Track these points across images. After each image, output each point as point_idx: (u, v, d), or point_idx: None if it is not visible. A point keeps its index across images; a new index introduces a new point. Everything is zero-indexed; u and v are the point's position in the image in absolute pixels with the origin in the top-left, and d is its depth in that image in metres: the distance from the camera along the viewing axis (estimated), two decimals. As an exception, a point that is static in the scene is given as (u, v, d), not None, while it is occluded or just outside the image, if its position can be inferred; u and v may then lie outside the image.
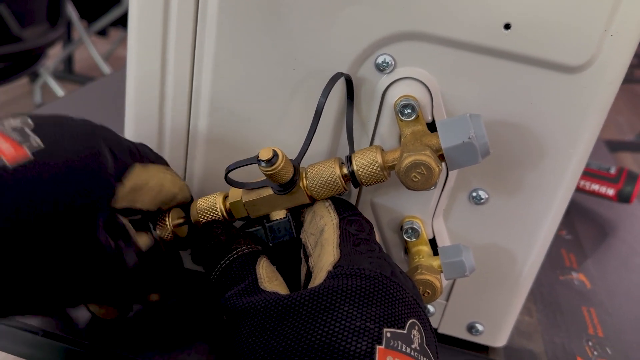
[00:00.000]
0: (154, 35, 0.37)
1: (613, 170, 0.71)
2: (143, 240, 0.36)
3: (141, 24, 0.37)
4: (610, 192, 0.70)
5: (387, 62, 0.35)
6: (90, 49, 2.40)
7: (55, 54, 2.51)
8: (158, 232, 0.37)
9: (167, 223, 0.37)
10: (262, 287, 0.31)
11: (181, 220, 0.38)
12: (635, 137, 2.52)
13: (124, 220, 0.34)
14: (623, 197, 0.70)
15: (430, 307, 0.43)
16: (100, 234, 0.30)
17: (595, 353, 0.48)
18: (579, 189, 0.72)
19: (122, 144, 0.34)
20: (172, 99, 0.39)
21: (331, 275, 0.30)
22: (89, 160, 0.30)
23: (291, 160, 0.33)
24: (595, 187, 0.71)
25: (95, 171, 0.30)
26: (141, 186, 0.34)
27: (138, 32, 0.37)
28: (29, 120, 0.30)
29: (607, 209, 0.75)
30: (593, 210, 0.74)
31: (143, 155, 0.35)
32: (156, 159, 0.37)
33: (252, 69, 0.37)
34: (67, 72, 2.60)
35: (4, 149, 0.28)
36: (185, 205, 0.39)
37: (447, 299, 0.43)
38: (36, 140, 0.29)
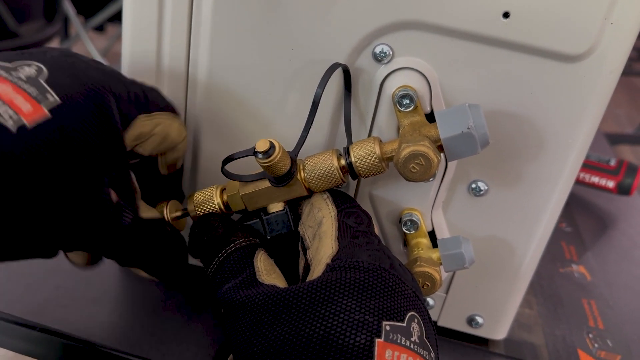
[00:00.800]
0: (149, 26, 0.37)
1: (613, 163, 0.71)
2: (149, 212, 0.36)
3: (136, 15, 0.37)
4: (610, 184, 0.70)
5: (385, 52, 0.34)
6: (87, 45, 2.39)
7: (52, 50, 2.50)
8: None
9: (165, 215, 0.37)
10: (260, 280, 0.31)
11: (179, 213, 0.38)
12: (634, 130, 2.52)
13: (136, 185, 0.34)
14: (623, 189, 0.70)
15: (430, 300, 0.43)
16: (104, 192, 0.31)
17: (596, 345, 0.48)
18: (578, 182, 0.71)
19: (130, 93, 0.33)
20: (168, 90, 0.38)
21: (330, 268, 0.29)
22: (101, 118, 0.30)
23: (288, 152, 0.33)
24: (595, 179, 0.71)
25: (106, 128, 0.30)
26: (145, 134, 0.35)
27: (132, 25, 0.37)
28: (44, 69, 0.30)
29: (607, 201, 0.74)
30: (593, 203, 0.74)
31: (151, 101, 0.35)
32: (165, 106, 0.36)
33: (249, 60, 0.36)
34: (65, 68, 2.59)
35: (21, 105, 0.28)
36: (182, 197, 0.39)
37: (447, 292, 0.43)
38: (53, 96, 0.29)
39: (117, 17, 2.45)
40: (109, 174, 0.31)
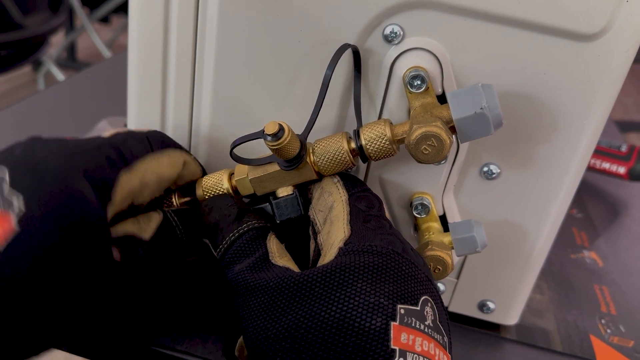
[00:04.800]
0: (156, 11, 0.36)
1: (624, 148, 0.70)
2: (153, 222, 0.35)
3: (142, 7, 0.36)
4: (622, 170, 0.69)
5: (396, 33, 0.34)
6: (92, 36, 2.39)
7: (57, 42, 2.51)
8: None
9: (174, 202, 0.37)
10: (273, 261, 0.31)
11: (188, 199, 0.37)
12: (643, 118, 2.50)
13: (120, 230, 0.33)
14: (634, 176, 0.69)
15: (441, 285, 0.43)
16: (105, 266, 0.30)
17: (609, 331, 0.47)
18: (589, 168, 0.70)
19: (100, 160, 0.32)
20: (175, 75, 0.38)
21: (342, 251, 0.29)
22: (72, 210, 0.29)
23: (298, 134, 0.33)
24: (606, 165, 0.70)
25: (80, 217, 0.29)
26: (135, 187, 0.33)
27: (139, 14, 0.37)
28: (6, 174, 0.29)
29: (618, 187, 0.74)
30: (604, 189, 0.73)
31: (127, 156, 0.33)
32: (144, 150, 0.34)
33: (256, 42, 0.36)
34: (70, 59, 2.59)
35: None
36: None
37: (458, 277, 0.42)
38: (18, 202, 0.28)
39: (121, 9, 2.45)
40: (103, 248, 0.30)
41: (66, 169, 0.30)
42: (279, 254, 0.31)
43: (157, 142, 0.36)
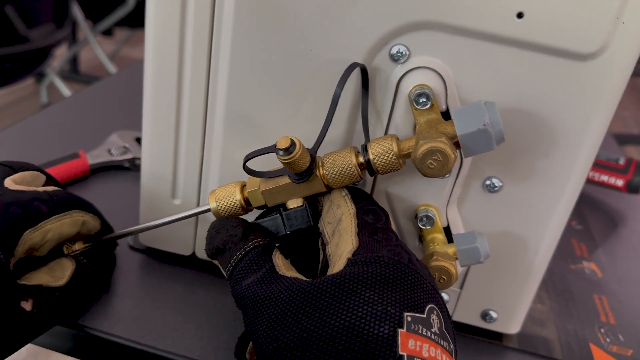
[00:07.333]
0: (172, 29, 0.38)
1: (622, 161, 0.71)
2: (67, 270, 0.38)
3: (158, 22, 0.38)
4: (619, 182, 0.71)
5: (402, 52, 0.35)
6: (95, 49, 2.41)
7: (61, 54, 2.53)
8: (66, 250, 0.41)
9: (76, 247, 0.41)
10: (281, 273, 0.32)
11: (89, 245, 0.41)
12: (641, 130, 2.52)
13: (33, 279, 0.36)
14: (632, 188, 0.70)
15: (445, 295, 0.44)
16: (16, 316, 0.34)
17: (608, 340, 0.48)
18: (588, 180, 0.72)
19: (8, 218, 0.34)
20: (189, 92, 0.39)
21: (351, 262, 0.30)
22: None
23: (308, 149, 0.34)
24: (605, 177, 0.71)
25: None
26: (36, 243, 0.36)
27: (155, 27, 0.38)
28: None
29: (616, 199, 0.75)
30: (602, 201, 0.74)
31: (34, 214, 0.36)
32: (49, 211, 0.37)
33: (269, 62, 0.37)
34: (73, 72, 2.61)
35: None
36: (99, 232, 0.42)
37: (461, 287, 0.43)
38: None
39: (124, 22, 2.47)
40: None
41: None
42: (285, 268, 0.33)
43: (62, 203, 0.39)
